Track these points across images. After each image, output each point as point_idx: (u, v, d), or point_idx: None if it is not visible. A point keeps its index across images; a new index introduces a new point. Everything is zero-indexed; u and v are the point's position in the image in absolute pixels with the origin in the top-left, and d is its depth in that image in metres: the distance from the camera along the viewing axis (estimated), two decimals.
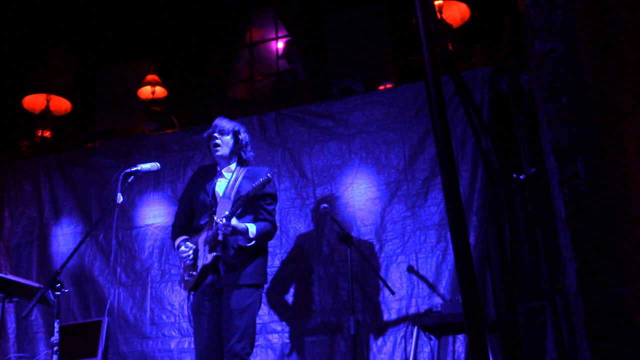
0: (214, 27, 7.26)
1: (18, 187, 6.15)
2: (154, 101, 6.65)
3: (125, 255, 5.59)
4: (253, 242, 3.63)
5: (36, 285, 3.96)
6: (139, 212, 5.70)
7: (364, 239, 4.94)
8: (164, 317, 5.29)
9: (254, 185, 3.52)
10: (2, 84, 6.82)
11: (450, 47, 5.44)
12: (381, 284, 4.60)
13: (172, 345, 5.18)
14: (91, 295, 5.54)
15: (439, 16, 5.46)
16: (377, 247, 4.90)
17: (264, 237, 3.72)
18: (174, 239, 3.91)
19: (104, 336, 4.91)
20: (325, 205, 4.49)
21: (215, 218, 3.59)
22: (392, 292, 4.46)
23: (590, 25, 1.93)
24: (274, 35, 7.34)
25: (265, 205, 3.76)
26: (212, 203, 3.75)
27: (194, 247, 3.70)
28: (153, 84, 6.74)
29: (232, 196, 3.69)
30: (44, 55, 6.74)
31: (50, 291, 3.32)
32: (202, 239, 3.67)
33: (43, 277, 5.60)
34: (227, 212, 3.56)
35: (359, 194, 5.07)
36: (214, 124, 3.90)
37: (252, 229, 3.62)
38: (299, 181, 5.28)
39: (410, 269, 4.75)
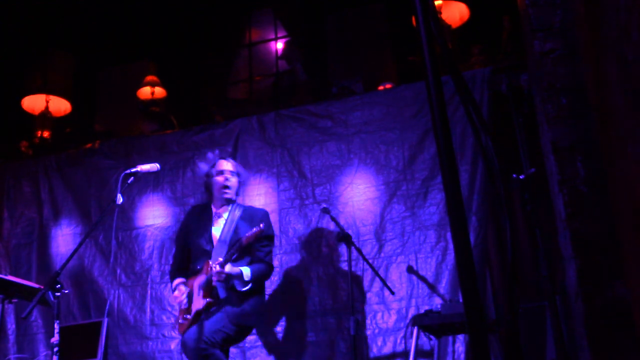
0: (214, 27, 7.26)
1: (17, 187, 6.15)
2: (153, 102, 6.66)
3: (125, 256, 5.58)
4: (249, 285, 3.65)
5: (36, 286, 3.96)
6: (139, 213, 5.70)
7: (364, 239, 4.94)
8: (164, 317, 5.29)
9: (247, 235, 3.54)
10: (2, 84, 6.82)
11: (449, 47, 5.44)
12: (381, 284, 4.60)
13: (172, 346, 5.18)
14: (91, 296, 5.53)
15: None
16: (376, 247, 4.90)
17: (259, 279, 3.75)
18: (171, 280, 4.01)
19: (104, 337, 4.91)
20: (325, 205, 4.50)
21: (210, 263, 3.62)
22: (392, 292, 4.46)
23: (589, 26, 1.93)
24: (273, 36, 7.35)
25: (260, 247, 3.81)
26: (209, 247, 3.80)
27: (187, 290, 3.75)
28: (152, 84, 6.74)
29: (228, 240, 3.74)
30: (44, 55, 6.74)
31: (50, 292, 3.31)
32: (197, 282, 3.70)
33: (43, 278, 5.59)
34: (221, 259, 3.58)
35: (358, 194, 5.08)
36: (219, 162, 3.95)
37: (246, 272, 3.65)
38: (298, 181, 5.28)
39: (409, 269, 4.75)
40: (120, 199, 3.51)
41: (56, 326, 3.26)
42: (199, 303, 3.62)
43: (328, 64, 6.13)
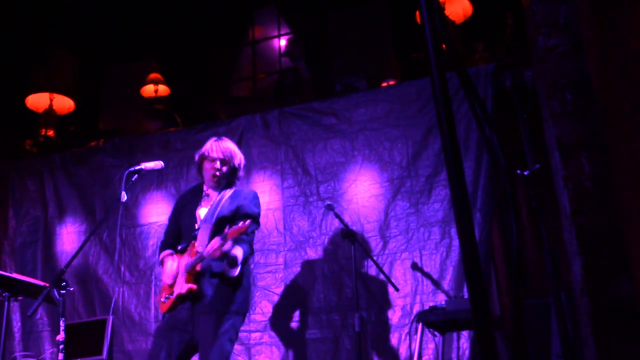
0: (217, 25, 7.27)
1: (22, 186, 6.17)
2: (157, 100, 6.66)
3: (129, 253, 5.60)
4: (238, 269, 3.42)
5: (41, 284, 3.97)
6: (142, 210, 5.71)
7: (368, 236, 4.94)
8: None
9: (231, 229, 3.25)
10: (6, 83, 6.84)
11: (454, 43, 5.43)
12: (385, 280, 4.60)
13: None
14: (96, 293, 5.55)
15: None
16: (381, 244, 4.90)
17: (244, 262, 3.51)
18: (159, 252, 3.79)
19: (109, 334, 4.92)
20: (329, 202, 4.50)
21: (196, 245, 3.46)
22: (397, 289, 4.46)
23: (594, 21, 1.93)
24: (276, 33, 7.35)
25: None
26: (194, 228, 3.61)
27: (175, 266, 3.55)
28: (156, 82, 6.74)
29: (212, 221, 3.54)
30: (47, 54, 6.75)
31: (55, 290, 3.32)
32: (183, 263, 3.50)
33: (48, 275, 5.61)
34: (211, 240, 3.37)
35: (363, 191, 5.08)
36: (215, 148, 3.69)
37: (239, 253, 3.41)
38: (302, 179, 5.28)
39: (414, 266, 4.75)
40: (124, 197, 3.51)
41: (61, 324, 3.27)
42: (181, 286, 3.42)
43: (331, 61, 6.13)
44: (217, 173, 3.64)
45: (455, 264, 4.65)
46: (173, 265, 3.55)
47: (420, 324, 4.12)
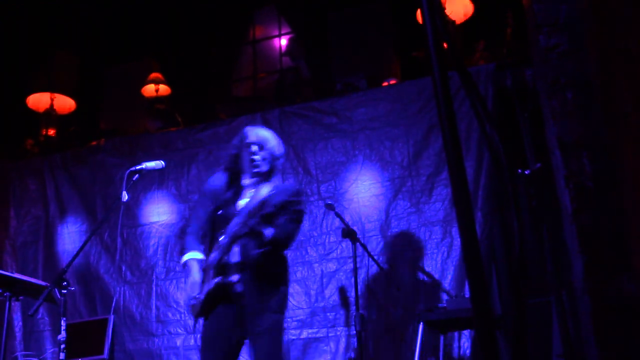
0: (217, 24, 7.27)
1: (23, 186, 6.17)
2: (157, 99, 6.67)
3: (130, 253, 5.61)
4: (267, 247, 3.15)
5: (42, 283, 3.97)
6: (144, 210, 5.72)
7: (369, 235, 4.94)
8: (170, 314, 5.31)
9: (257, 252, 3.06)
10: (7, 83, 6.84)
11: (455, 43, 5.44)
12: (386, 280, 4.60)
13: (178, 343, 5.20)
14: (97, 293, 5.56)
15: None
16: (382, 244, 4.91)
17: (282, 241, 3.25)
18: (182, 248, 3.43)
19: (110, 334, 4.93)
20: (330, 201, 4.50)
21: (220, 239, 3.17)
22: (398, 288, 4.47)
23: (595, 20, 1.93)
24: (277, 33, 7.35)
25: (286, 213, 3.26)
26: (229, 223, 3.22)
27: (200, 273, 3.24)
28: (157, 82, 6.75)
29: (243, 212, 3.19)
30: (48, 54, 6.76)
31: (56, 289, 3.32)
32: (212, 258, 3.20)
33: (49, 275, 5.62)
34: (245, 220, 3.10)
35: (363, 190, 5.08)
36: (251, 134, 3.45)
37: (267, 231, 3.13)
38: (303, 178, 5.29)
39: (415, 265, 4.75)
40: (125, 197, 3.50)
41: (63, 323, 3.27)
42: (209, 283, 3.14)
43: (332, 60, 6.13)
44: (254, 157, 3.36)
45: (457, 263, 4.65)
46: (198, 273, 3.23)
47: (421, 323, 4.12)
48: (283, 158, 3.55)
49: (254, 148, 3.39)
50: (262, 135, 3.47)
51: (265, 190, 3.21)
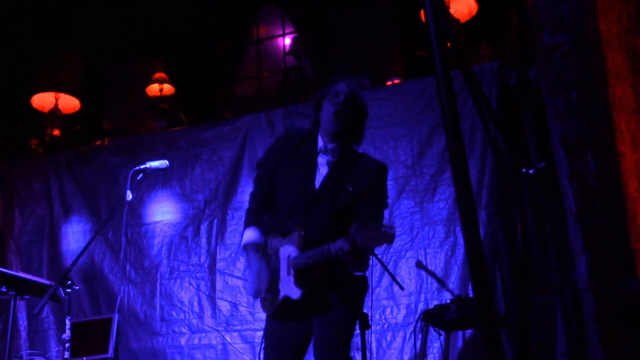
0: (221, 24, 7.27)
1: (28, 185, 6.18)
2: (161, 99, 6.67)
3: (134, 252, 5.61)
4: (366, 267, 2.70)
5: (47, 282, 3.98)
6: (148, 209, 5.72)
7: None
8: (174, 313, 5.32)
9: (361, 234, 2.43)
10: (11, 82, 6.86)
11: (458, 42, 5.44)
12: (390, 279, 4.60)
13: (182, 342, 5.21)
14: (101, 292, 5.57)
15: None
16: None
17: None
18: (247, 226, 2.89)
19: (115, 333, 4.94)
20: None
21: (305, 230, 2.63)
22: (401, 288, 4.45)
23: (599, 18, 1.93)
24: (280, 32, 7.34)
25: (368, 205, 2.73)
26: (304, 200, 2.72)
27: (264, 264, 2.80)
28: (161, 81, 6.75)
29: (335, 203, 2.69)
30: (53, 54, 6.77)
31: (61, 288, 3.33)
32: (285, 252, 2.71)
33: (54, 274, 5.63)
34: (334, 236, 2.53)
35: None
36: (341, 84, 2.83)
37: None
38: None
39: (418, 264, 4.74)
40: (129, 196, 3.52)
41: (67, 322, 3.29)
42: (290, 289, 2.65)
43: (335, 59, 6.12)
44: (340, 109, 2.72)
45: (460, 263, 4.65)
46: (263, 265, 2.79)
47: (425, 322, 4.11)
48: (368, 126, 2.93)
49: (342, 97, 2.76)
50: (355, 88, 2.85)
51: (354, 164, 2.72)
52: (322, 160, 2.81)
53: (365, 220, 2.52)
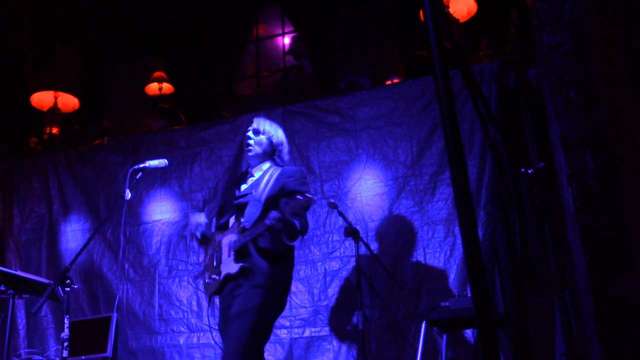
0: (221, 23, 7.27)
1: (27, 184, 6.18)
2: (161, 98, 6.66)
3: (133, 251, 5.61)
4: (295, 237, 3.42)
5: (46, 281, 3.98)
6: (146, 208, 5.72)
7: (372, 234, 4.94)
8: (172, 312, 5.32)
9: (270, 217, 3.22)
10: (10, 81, 6.85)
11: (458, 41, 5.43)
12: (389, 279, 4.60)
13: (181, 341, 5.21)
14: (100, 291, 5.57)
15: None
16: (385, 242, 4.90)
17: (300, 235, 3.47)
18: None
19: (113, 332, 4.94)
20: (333, 200, 4.49)
21: (242, 221, 3.40)
22: (401, 288, 4.46)
23: (599, 18, 1.92)
24: (280, 31, 7.34)
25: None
26: (234, 203, 3.57)
27: (214, 244, 3.55)
28: (160, 80, 6.74)
29: (262, 198, 3.45)
30: (52, 52, 6.76)
31: (59, 287, 3.33)
32: (226, 240, 3.46)
33: (53, 273, 5.64)
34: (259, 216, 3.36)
35: (367, 189, 5.07)
36: (252, 124, 3.70)
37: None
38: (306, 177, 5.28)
39: (418, 264, 4.75)
40: (128, 195, 3.52)
41: (66, 321, 3.28)
42: (230, 266, 3.35)
43: (335, 59, 6.12)
44: (248, 141, 3.63)
45: (459, 263, 4.65)
46: (213, 244, 3.56)
47: (424, 322, 4.12)
48: (283, 145, 3.72)
49: (249, 134, 3.67)
50: (260, 122, 3.70)
51: (271, 175, 3.51)
52: (250, 177, 3.71)
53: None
